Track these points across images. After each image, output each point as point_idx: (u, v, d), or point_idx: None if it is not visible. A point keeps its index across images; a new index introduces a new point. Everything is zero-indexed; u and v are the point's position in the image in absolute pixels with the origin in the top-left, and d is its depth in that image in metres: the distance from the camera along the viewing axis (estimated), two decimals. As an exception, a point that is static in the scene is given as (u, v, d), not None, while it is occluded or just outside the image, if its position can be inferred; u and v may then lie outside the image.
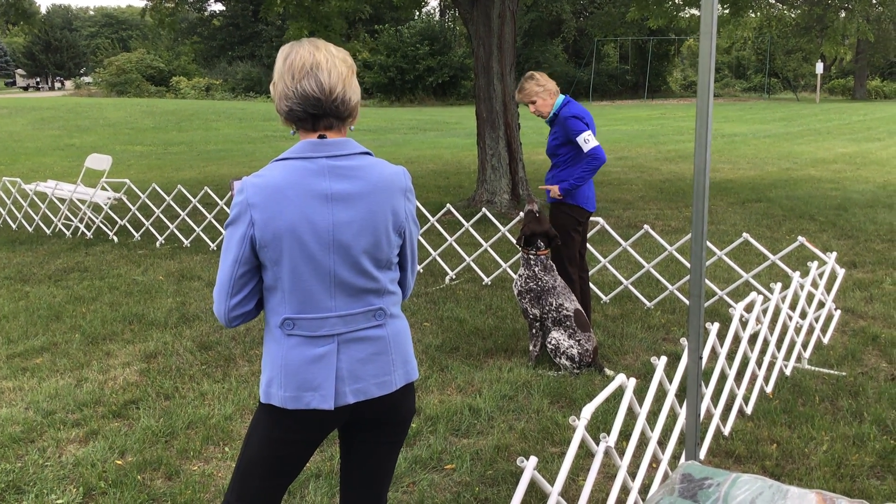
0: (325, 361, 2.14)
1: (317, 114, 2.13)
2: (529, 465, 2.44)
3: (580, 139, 5.17)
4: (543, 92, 5.32)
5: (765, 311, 4.82)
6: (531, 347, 5.20)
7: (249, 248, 2.10)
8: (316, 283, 2.12)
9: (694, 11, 19.09)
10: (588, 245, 6.85)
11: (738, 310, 4.22)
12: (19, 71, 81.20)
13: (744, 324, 4.64)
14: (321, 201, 2.09)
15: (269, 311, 2.19)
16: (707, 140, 2.05)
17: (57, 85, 76.22)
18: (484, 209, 7.71)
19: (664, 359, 3.36)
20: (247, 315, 2.20)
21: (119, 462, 3.92)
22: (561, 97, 5.39)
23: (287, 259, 2.09)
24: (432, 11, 58.65)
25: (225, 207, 9.13)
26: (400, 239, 2.25)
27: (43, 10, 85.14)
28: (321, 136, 2.14)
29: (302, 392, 2.14)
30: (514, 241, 5.23)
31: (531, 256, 5.15)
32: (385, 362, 2.22)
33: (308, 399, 2.14)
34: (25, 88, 74.79)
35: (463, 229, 7.61)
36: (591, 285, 6.61)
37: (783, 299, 5.09)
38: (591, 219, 6.64)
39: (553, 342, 5.04)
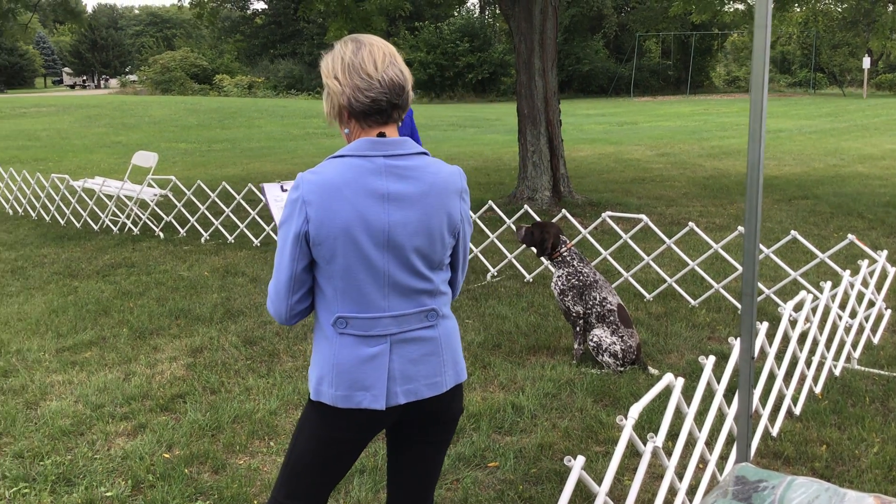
0: (377, 361, 2.14)
1: (397, 104, 2.13)
2: (577, 465, 2.42)
3: None
4: None
5: (814, 310, 4.73)
6: (576, 345, 5.16)
7: (305, 244, 2.10)
8: (369, 283, 2.11)
9: (738, 6, 18.84)
10: (631, 242, 6.81)
11: (787, 309, 4.15)
12: (66, 69, 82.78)
13: (793, 323, 4.57)
14: (377, 201, 2.08)
15: (322, 309, 2.19)
16: (761, 135, 2.02)
17: (102, 83, 77.51)
18: (526, 206, 7.68)
19: (712, 358, 3.32)
20: (304, 312, 2.20)
21: (166, 455, 3.97)
22: None
23: (341, 258, 2.09)
24: (472, 8, 58.63)
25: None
26: (454, 240, 2.24)
27: (89, 10, 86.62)
28: (380, 135, 2.14)
29: (353, 391, 2.14)
30: (541, 258, 5.35)
31: (564, 253, 5.16)
32: (436, 363, 2.22)
33: (359, 399, 2.14)
34: (72, 87, 76.24)
35: (505, 226, 7.59)
36: (633, 283, 6.56)
37: (832, 298, 4.99)
38: (635, 216, 6.60)
39: (595, 339, 5.01)
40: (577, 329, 5.14)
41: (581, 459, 2.49)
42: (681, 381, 3.01)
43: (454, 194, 2.20)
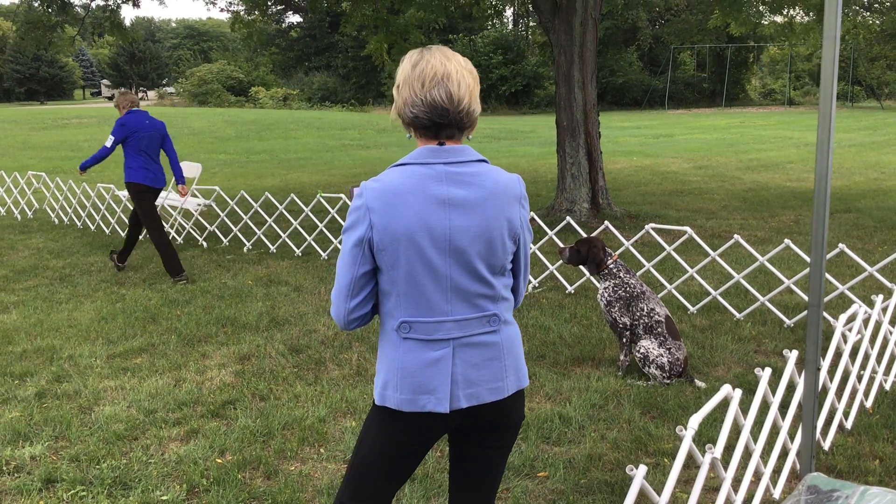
0: (440, 365, 2.17)
1: (441, 123, 2.16)
2: (639, 474, 2.43)
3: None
4: (117, 105, 7.86)
5: (865, 323, 4.69)
6: (622, 357, 5.16)
7: (368, 250, 2.14)
8: (432, 288, 2.15)
9: (777, 19, 18.71)
10: (674, 254, 6.80)
11: (840, 323, 4.11)
12: (105, 81, 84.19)
13: (844, 337, 4.52)
14: (438, 206, 2.12)
15: (385, 315, 2.23)
16: (829, 146, 2.02)
17: (140, 95, 78.71)
18: (568, 218, 7.68)
19: (768, 370, 3.31)
20: (363, 318, 2.24)
21: (219, 461, 4.03)
22: (131, 111, 7.77)
23: (404, 263, 2.13)
24: (506, 21, 58.72)
25: (311, 215, 9.27)
26: (514, 246, 2.26)
27: (127, 23, 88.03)
28: (440, 143, 2.18)
29: (418, 395, 2.17)
30: (589, 273, 5.42)
31: (610, 265, 5.17)
32: (498, 368, 2.24)
33: (424, 402, 2.17)
34: (110, 98, 77.44)
35: (546, 237, 7.61)
36: (677, 295, 6.53)
37: (884, 311, 4.94)
38: (678, 228, 6.58)
39: (642, 350, 4.99)
40: (624, 340, 5.13)
41: (643, 469, 2.49)
42: (738, 392, 3.00)
43: (514, 200, 2.23)
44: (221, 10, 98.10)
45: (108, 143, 7.69)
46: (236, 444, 4.19)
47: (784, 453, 3.88)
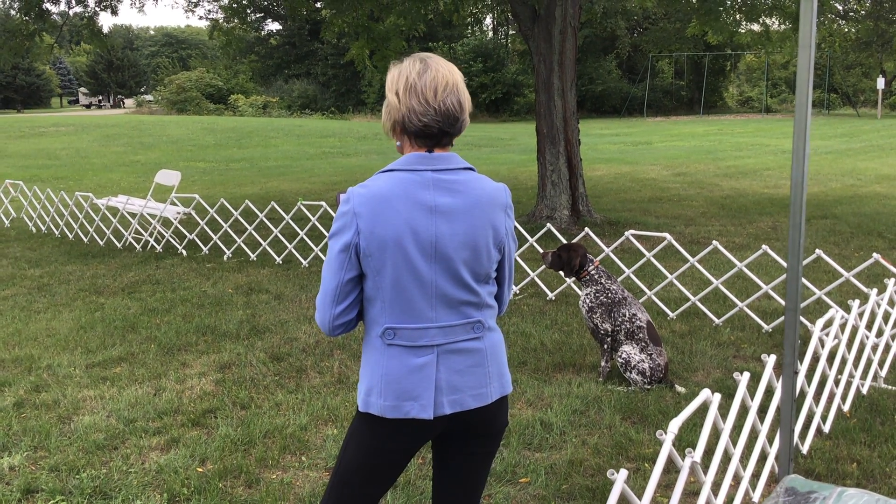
0: (424, 372, 2.18)
1: (450, 131, 2.18)
2: (620, 478, 2.45)
3: None
4: None
5: (842, 328, 4.75)
6: (602, 363, 5.18)
7: (355, 256, 2.15)
8: (417, 294, 2.16)
9: (754, 27, 18.90)
10: (654, 260, 6.84)
11: (817, 328, 4.16)
12: (82, 89, 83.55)
13: (822, 341, 4.58)
14: (425, 213, 2.13)
15: (370, 321, 2.23)
16: (805, 153, 2.05)
17: (120, 102, 78.18)
18: (549, 225, 7.72)
19: (747, 374, 3.34)
20: (349, 324, 2.24)
21: (200, 469, 4.01)
22: None
23: (390, 269, 2.13)
24: (485, 28, 58.95)
25: (292, 223, 9.25)
26: (499, 254, 2.28)
27: (105, 30, 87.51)
28: (429, 151, 2.19)
29: (401, 401, 2.18)
30: (566, 277, 5.44)
31: (592, 272, 5.19)
32: (482, 374, 2.25)
33: (407, 408, 2.18)
34: (88, 106, 76.88)
35: (527, 245, 7.63)
36: (656, 300, 6.57)
37: (860, 315, 5.00)
38: (657, 234, 6.63)
39: (623, 356, 5.02)
40: (605, 347, 5.16)
41: (624, 473, 2.51)
42: (717, 396, 3.03)
43: (499, 209, 2.25)
44: (200, 17, 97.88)
45: None
46: (217, 453, 4.18)
47: (763, 457, 3.91)
